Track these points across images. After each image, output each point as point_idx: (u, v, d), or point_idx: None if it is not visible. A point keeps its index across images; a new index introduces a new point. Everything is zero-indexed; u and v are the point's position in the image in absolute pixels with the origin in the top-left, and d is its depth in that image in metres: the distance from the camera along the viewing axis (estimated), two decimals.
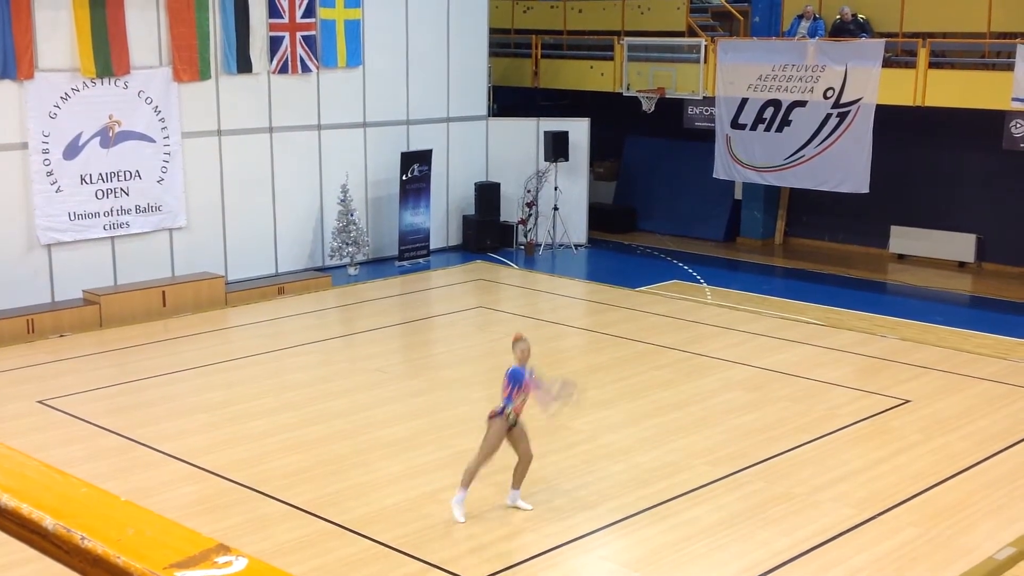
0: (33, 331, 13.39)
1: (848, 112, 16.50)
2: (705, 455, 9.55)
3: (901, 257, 18.30)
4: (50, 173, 14.10)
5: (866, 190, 16.57)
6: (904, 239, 18.21)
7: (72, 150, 14.26)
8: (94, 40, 14.20)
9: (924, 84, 15.73)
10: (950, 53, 16.48)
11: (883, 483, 8.96)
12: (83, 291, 14.29)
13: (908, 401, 11.04)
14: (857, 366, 12.37)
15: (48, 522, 1.21)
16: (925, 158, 17.84)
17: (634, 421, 10.41)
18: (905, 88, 15.90)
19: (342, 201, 16.75)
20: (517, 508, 8.42)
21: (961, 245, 17.60)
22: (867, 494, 8.73)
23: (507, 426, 8.23)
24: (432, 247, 18.25)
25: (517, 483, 8.43)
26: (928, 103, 15.78)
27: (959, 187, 17.64)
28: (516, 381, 8.23)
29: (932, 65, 15.79)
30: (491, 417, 8.29)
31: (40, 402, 10.95)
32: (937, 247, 17.85)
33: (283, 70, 16.25)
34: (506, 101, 20.60)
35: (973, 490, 8.85)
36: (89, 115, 14.35)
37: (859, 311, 14.82)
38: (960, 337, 13.56)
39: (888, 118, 16.32)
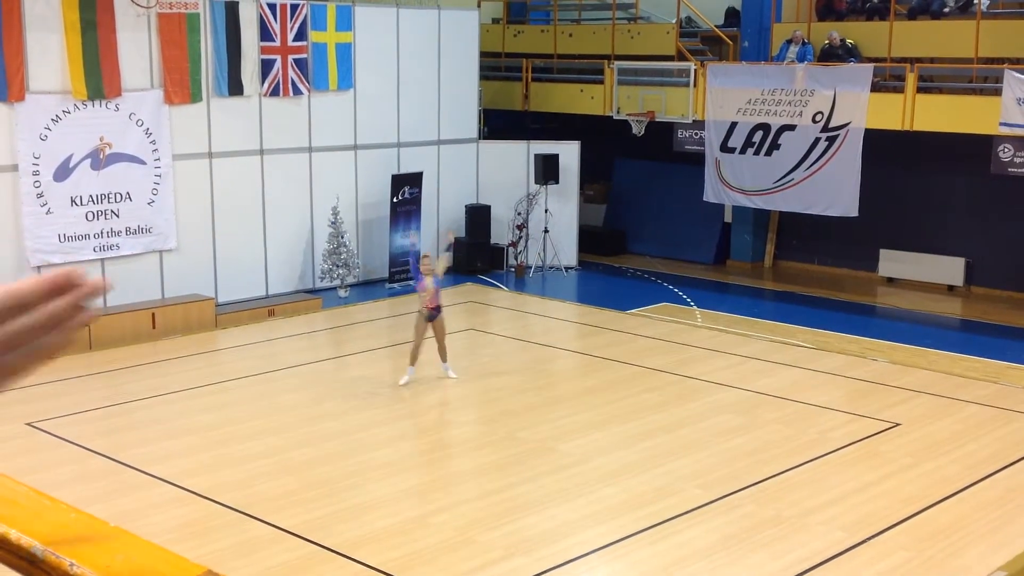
0: None
1: (837, 136, 16.58)
2: (696, 478, 9.53)
3: (890, 280, 18.36)
4: (40, 195, 14.08)
5: (855, 214, 16.64)
6: (893, 263, 18.28)
7: (63, 172, 14.25)
8: (85, 62, 14.21)
9: (912, 109, 15.82)
10: (938, 78, 16.60)
11: (874, 506, 8.95)
12: None
13: (898, 424, 11.05)
14: (847, 389, 12.38)
15: (37, 548, 1.20)
16: (914, 182, 17.93)
17: (625, 444, 10.40)
18: (893, 112, 16.00)
19: (332, 223, 16.75)
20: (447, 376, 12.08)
21: (950, 269, 17.67)
22: (858, 517, 8.72)
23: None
24: None
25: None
26: (916, 127, 15.86)
27: (948, 211, 17.72)
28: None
29: (920, 90, 15.89)
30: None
31: (29, 424, 10.89)
32: (926, 271, 17.92)
33: (274, 93, 16.28)
34: (496, 124, 20.66)
35: (964, 513, 8.85)
36: (80, 137, 14.34)
37: (849, 334, 14.84)
38: (950, 361, 13.59)
39: (877, 142, 16.41)
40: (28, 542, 1.22)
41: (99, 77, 14.35)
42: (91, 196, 14.54)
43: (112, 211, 14.77)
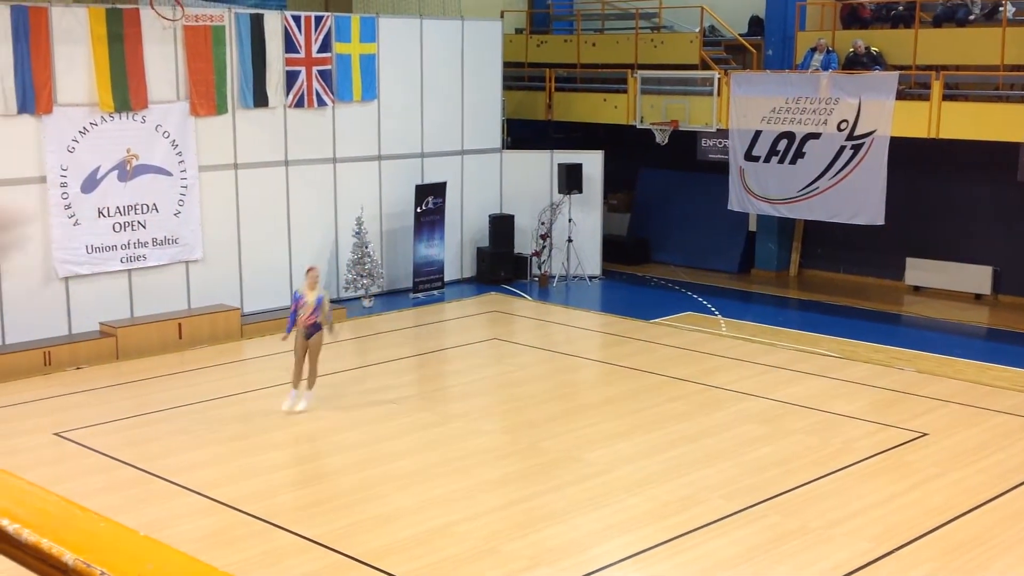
0: (50, 363, 13.44)
1: (862, 144, 16.51)
2: (720, 488, 9.50)
3: (917, 289, 18.24)
4: (68, 206, 14.21)
5: (881, 222, 16.55)
6: (920, 271, 18.16)
7: (90, 183, 14.38)
8: (112, 75, 14.35)
9: (938, 116, 15.74)
10: (964, 85, 16.50)
11: (900, 517, 8.89)
12: (100, 323, 14.35)
13: (925, 434, 10.97)
14: (873, 399, 12.31)
15: (68, 557, 1.22)
16: (940, 190, 17.82)
17: (649, 453, 10.38)
18: (919, 120, 15.92)
19: (357, 233, 16.82)
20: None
21: (977, 277, 17.54)
22: (884, 528, 8.66)
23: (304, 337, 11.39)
24: (446, 279, 18.28)
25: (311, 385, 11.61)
26: (942, 135, 15.78)
27: (974, 219, 17.60)
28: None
29: (946, 97, 15.80)
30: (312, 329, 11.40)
31: (56, 434, 10.98)
32: (953, 279, 17.80)
33: (299, 104, 16.37)
34: (520, 134, 20.70)
35: (991, 524, 8.78)
36: (107, 149, 14.47)
37: (875, 343, 14.76)
38: (977, 370, 13.49)
39: (903, 150, 16.32)
40: (59, 551, 1.24)
41: (126, 89, 14.49)
42: (118, 207, 14.66)
43: (139, 222, 14.89)
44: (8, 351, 13.30)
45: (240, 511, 8.99)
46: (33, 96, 13.73)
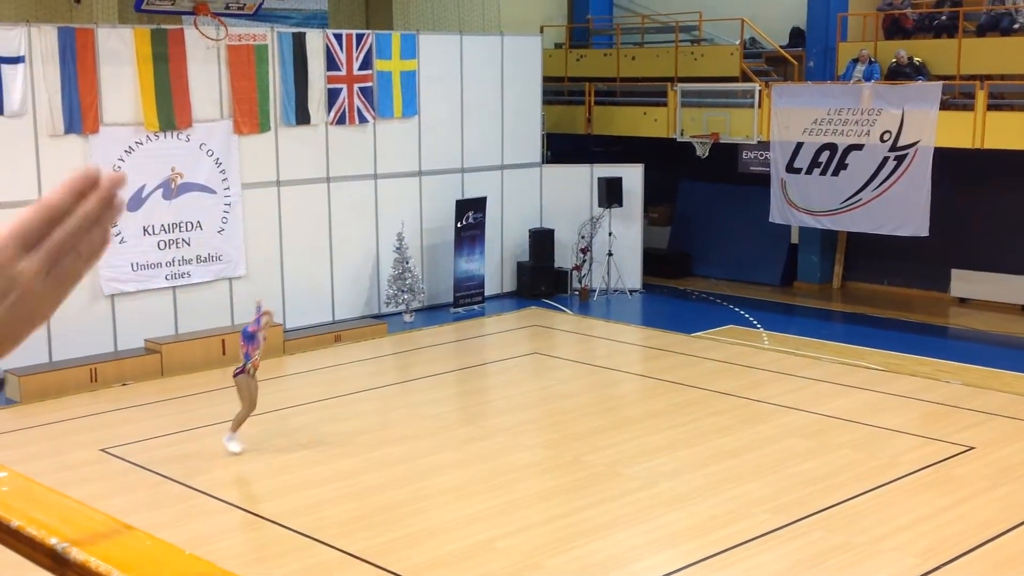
0: (96, 380, 13.61)
1: (906, 155, 16.36)
2: (764, 503, 9.42)
3: (963, 301, 18.01)
4: (114, 225, 14.36)
5: (926, 233, 16.37)
6: (965, 282, 17.93)
7: (135, 202, 14.56)
8: (157, 95, 14.55)
9: (983, 126, 15.56)
10: (1008, 95, 16.31)
11: (948, 532, 8.77)
12: (145, 340, 14.52)
13: (972, 448, 10.82)
14: (919, 412, 12.16)
15: None
16: (986, 200, 17.60)
17: (691, 468, 10.32)
18: (963, 130, 15.74)
19: (398, 249, 16.90)
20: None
21: None
22: (931, 543, 8.55)
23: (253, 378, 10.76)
24: (487, 294, 18.31)
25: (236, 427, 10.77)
26: (987, 145, 15.59)
27: (1021, 229, 17.36)
28: (250, 341, 10.86)
29: (991, 107, 15.62)
30: (236, 374, 10.74)
31: (103, 450, 11.11)
32: (999, 290, 17.55)
33: (340, 121, 16.50)
34: (560, 148, 20.70)
35: None
36: (152, 168, 14.66)
37: (920, 356, 14.58)
38: None
39: (947, 160, 16.15)
40: (107, 569, 1.26)
41: (170, 109, 14.68)
42: (163, 225, 14.84)
43: (183, 240, 15.06)
44: (55, 368, 13.49)
45: (283, 526, 9.04)
46: (80, 116, 13.96)
